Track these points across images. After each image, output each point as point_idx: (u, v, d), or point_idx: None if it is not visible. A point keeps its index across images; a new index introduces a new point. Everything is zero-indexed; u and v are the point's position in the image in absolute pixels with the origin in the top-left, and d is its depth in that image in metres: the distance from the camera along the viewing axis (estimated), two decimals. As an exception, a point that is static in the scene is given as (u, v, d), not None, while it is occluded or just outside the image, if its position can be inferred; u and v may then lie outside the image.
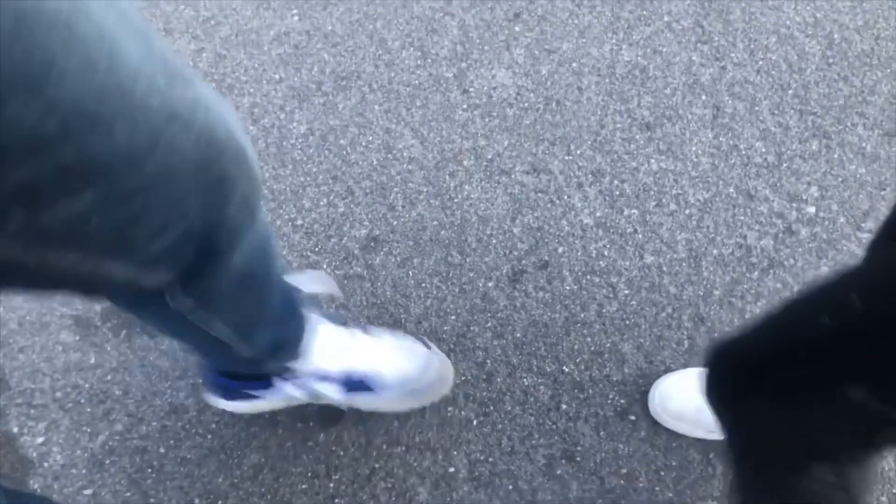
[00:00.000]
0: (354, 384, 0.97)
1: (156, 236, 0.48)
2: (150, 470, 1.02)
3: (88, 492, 1.01)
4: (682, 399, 1.01)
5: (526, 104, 1.34)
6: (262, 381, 0.95)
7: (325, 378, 0.95)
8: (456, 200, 1.24)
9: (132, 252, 0.48)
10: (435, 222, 1.22)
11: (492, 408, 1.07)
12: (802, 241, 1.19)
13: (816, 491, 0.62)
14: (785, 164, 1.26)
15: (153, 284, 0.54)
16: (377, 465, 1.03)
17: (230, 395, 0.99)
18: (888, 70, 1.37)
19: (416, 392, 1.01)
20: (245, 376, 0.94)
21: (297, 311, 0.85)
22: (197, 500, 1.00)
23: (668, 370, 1.08)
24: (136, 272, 0.50)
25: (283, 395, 0.97)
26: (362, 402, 1.00)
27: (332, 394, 0.97)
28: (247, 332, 0.75)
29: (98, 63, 0.38)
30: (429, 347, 1.04)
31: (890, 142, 1.29)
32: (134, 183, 0.43)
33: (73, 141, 0.38)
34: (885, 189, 1.24)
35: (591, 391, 1.08)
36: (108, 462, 1.03)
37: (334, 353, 0.95)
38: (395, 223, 1.22)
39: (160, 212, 0.46)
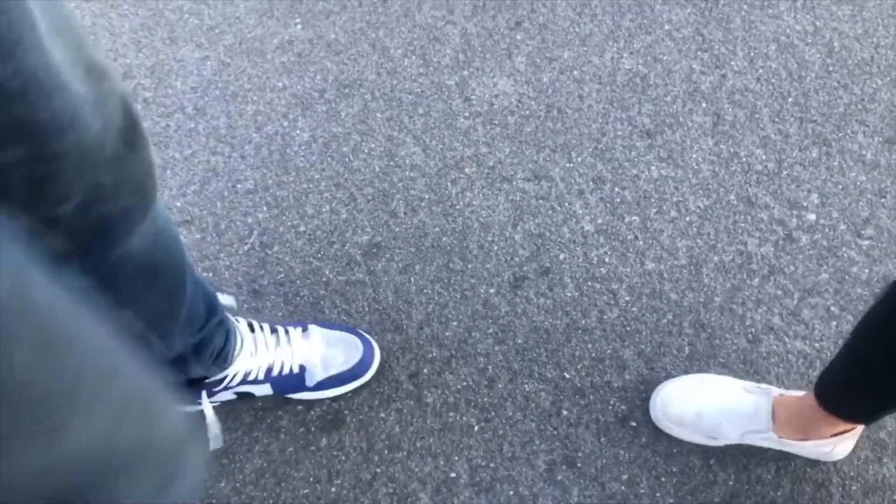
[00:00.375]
0: (284, 380, 1.03)
1: (61, 201, 0.57)
2: (152, 475, 1.03)
3: (91, 496, 1.02)
4: (684, 405, 1.01)
5: (527, 112, 1.34)
6: (189, 393, 0.99)
7: (254, 381, 1.01)
8: (458, 207, 1.24)
9: (39, 209, 0.56)
10: (437, 229, 1.22)
11: (493, 413, 1.07)
12: (803, 248, 1.20)
13: None
14: (785, 172, 1.27)
15: (52, 249, 0.61)
16: (378, 471, 1.03)
17: None
18: (888, 78, 1.37)
19: (343, 379, 1.06)
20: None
21: (216, 314, 0.90)
22: (199, 505, 1.01)
23: (668, 376, 1.08)
24: (38, 228, 0.58)
25: (213, 400, 1.01)
26: (296, 395, 1.05)
27: (264, 392, 1.04)
28: (162, 329, 0.80)
29: (44, 44, 0.48)
30: (358, 335, 1.08)
31: (890, 149, 1.29)
32: (56, 147, 0.52)
33: (27, 100, 0.48)
34: (885, 196, 1.24)
35: (592, 397, 1.08)
36: (110, 467, 1.03)
37: (260, 353, 1.00)
38: (397, 230, 1.22)
39: (67, 178, 0.55)
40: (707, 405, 1.00)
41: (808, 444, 0.97)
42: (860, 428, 0.95)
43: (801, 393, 0.98)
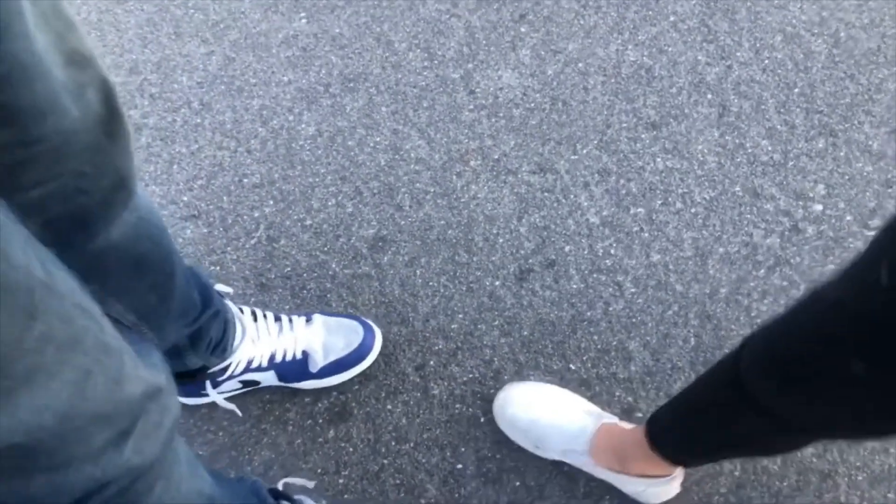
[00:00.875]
0: (288, 367, 1.03)
1: (36, 185, 0.56)
2: (162, 467, 1.04)
3: (102, 488, 1.03)
4: (520, 408, 1.01)
5: (532, 104, 1.34)
6: (191, 385, 0.99)
7: (258, 368, 1.01)
8: (463, 200, 1.25)
9: (15, 192, 0.56)
10: (442, 222, 1.23)
11: (499, 405, 1.07)
12: (809, 238, 1.19)
13: None
14: (791, 163, 1.27)
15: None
16: (386, 462, 1.04)
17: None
18: (894, 68, 1.37)
19: (345, 364, 1.06)
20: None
21: (212, 304, 0.89)
22: (208, 497, 1.02)
23: (674, 368, 1.08)
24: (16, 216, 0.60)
25: (220, 391, 1.02)
26: (300, 383, 1.06)
27: (270, 381, 1.04)
28: (154, 321, 0.80)
29: (31, 31, 0.49)
30: (359, 321, 1.09)
31: (896, 139, 1.29)
32: (35, 132, 0.53)
33: (10, 84, 0.49)
34: (891, 187, 1.24)
35: (597, 388, 1.08)
36: (120, 459, 1.04)
37: (262, 340, 1.00)
38: (402, 223, 1.23)
39: (45, 162, 0.55)
40: (541, 415, 1.00)
41: (620, 477, 0.96)
42: (678, 475, 0.93)
43: (631, 426, 0.96)
